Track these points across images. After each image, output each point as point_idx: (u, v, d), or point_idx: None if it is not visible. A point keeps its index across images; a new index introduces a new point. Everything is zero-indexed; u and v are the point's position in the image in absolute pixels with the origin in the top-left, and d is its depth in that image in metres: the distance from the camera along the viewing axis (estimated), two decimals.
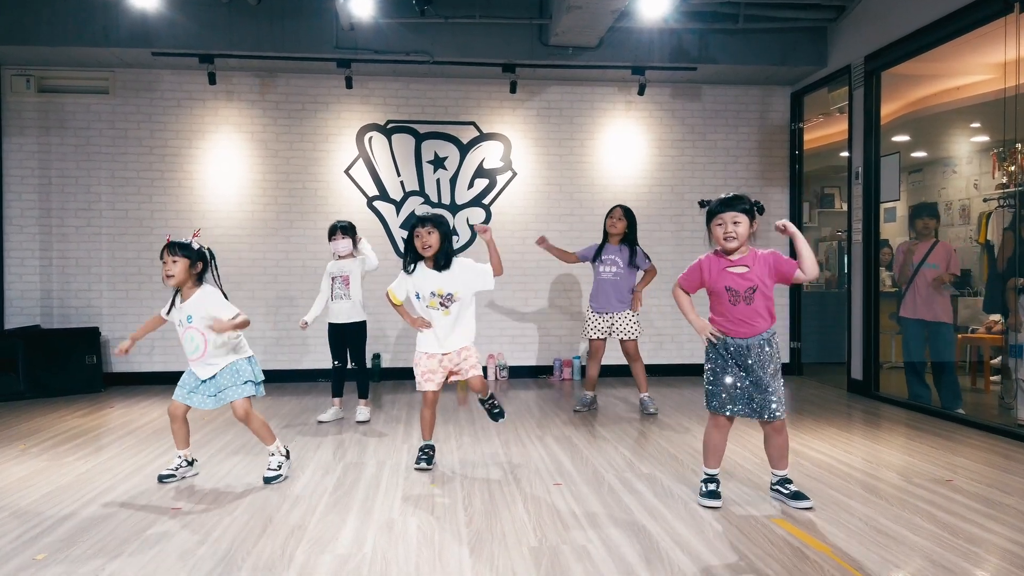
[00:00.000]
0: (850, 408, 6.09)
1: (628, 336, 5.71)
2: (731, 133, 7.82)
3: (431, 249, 4.02)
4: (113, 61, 6.95)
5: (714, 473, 3.59)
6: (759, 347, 3.41)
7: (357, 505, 3.53)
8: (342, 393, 5.64)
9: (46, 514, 3.40)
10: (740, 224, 3.35)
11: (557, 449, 4.64)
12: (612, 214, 5.83)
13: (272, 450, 3.99)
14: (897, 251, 6.56)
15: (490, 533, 3.15)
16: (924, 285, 5.96)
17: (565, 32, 6.51)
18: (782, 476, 3.57)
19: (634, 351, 5.74)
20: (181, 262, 3.80)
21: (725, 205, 3.39)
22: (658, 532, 3.16)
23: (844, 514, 3.39)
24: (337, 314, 5.47)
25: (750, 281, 3.38)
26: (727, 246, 3.38)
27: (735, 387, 3.44)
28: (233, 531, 3.18)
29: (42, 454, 4.53)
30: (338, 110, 7.43)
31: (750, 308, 3.38)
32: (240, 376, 3.87)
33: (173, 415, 3.93)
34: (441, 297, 4.06)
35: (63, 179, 7.17)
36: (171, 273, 3.79)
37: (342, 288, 5.45)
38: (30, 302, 7.15)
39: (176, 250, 3.81)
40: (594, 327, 5.77)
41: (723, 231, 3.37)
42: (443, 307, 4.07)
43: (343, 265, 5.49)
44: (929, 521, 3.29)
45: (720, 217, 3.39)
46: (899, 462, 4.31)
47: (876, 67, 6.45)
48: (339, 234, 5.46)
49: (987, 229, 7.78)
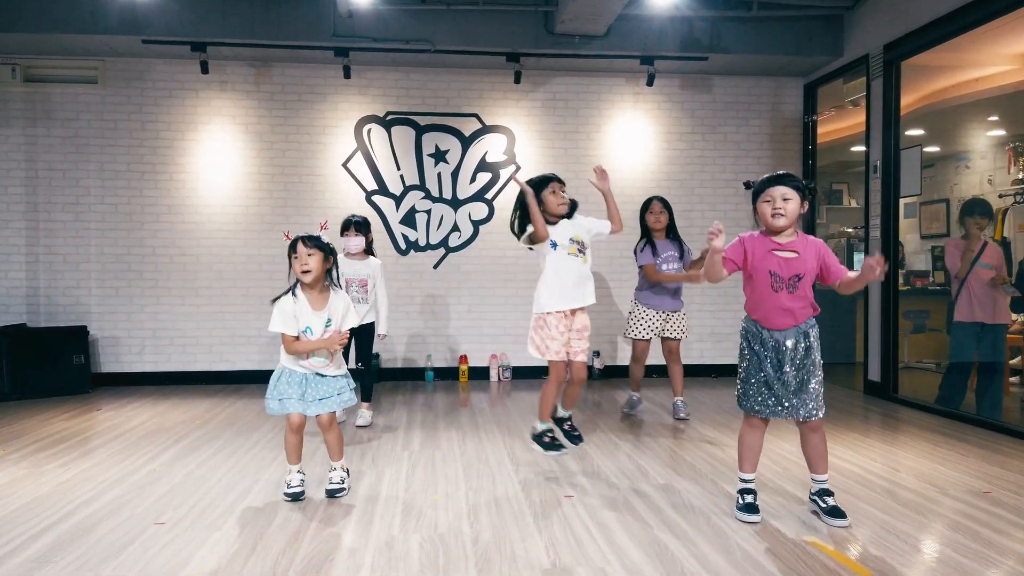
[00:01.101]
0: (868, 411, 5.85)
1: (679, 335, 5.39)
2: (742, 126, 7.56)
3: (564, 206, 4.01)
4: (102, 49, 6.69)
5: (750, 480, 3.33)
6: (797, 339, 3.16)
7: (354, 520, 3.28)
8: (370, 397, 5.32)
9: (18, 530, 3.14)
10: (790, 201, 3.10)
11: (567, 457, 4.39)
12: (652, 208, 5.45)
13: (337, 466, 3.68)
14: (950, 249, 6.07)
15: (499, 553, 2.90)
16: (979, 286, 5.67)
17: (572, 19, 6.26)
18: (822, 485, 3.29)
19: (677, 351, 5.43)
20: (317, 255, 3.51)
21: (775, 180, 3.14)
22: (681, 552, 2.91)
23: (882, 531, 3.14)
24: None
25: (797, 268, 3.12)
26: (775, 224, 3.11)
27: (770, 385, 3.19)
28: (220, 549, 2.94)
29: (22, 461, 4.27)
30: (336, 101, 7.17)
31: (793, 296, 3.13)
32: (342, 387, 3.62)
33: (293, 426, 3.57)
34: (579, 243, 3.96)
35: (50, 172, 6.90)
36: (308, 268, 3.49)
37: (359, 292, 5.12)
38: (16, 300, 6.89)
39: (311, 242, 3.52)
40: (646, 327, 5.36)
41: (771, 208, 3.11)
42: (581, 254, 3.97)
43: (359, 268, 5.13)
44: (973, 539, 3.05)
45: (768, 193, 3.13)
46: (930, 471, 4.06)
47: (895, 56, 6.20)
48: (352, 230, 5.10)
49: (1003, 226, 7.55)
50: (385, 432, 5.06)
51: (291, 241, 3.58)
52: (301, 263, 3.50)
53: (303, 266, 3.49)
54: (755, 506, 3.27)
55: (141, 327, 6.99)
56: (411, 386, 6.92)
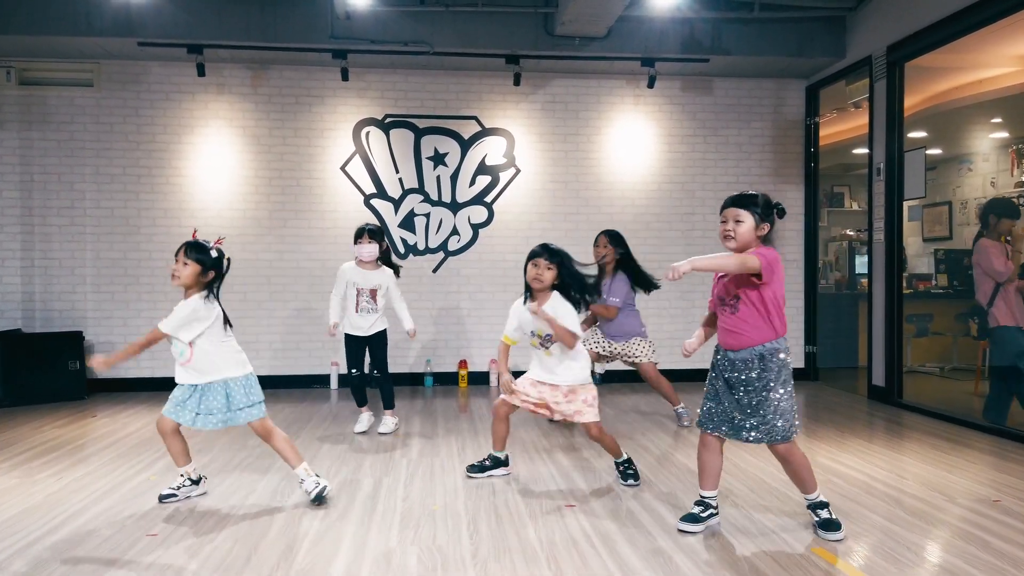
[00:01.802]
0: (873, 417, 5.78)
1: (642, 358, 5.31)
2: (744, 128, 7.50)
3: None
4: (97, 52, 6.62)
5: (708, 496, 3.24)
6: (749, 361, 3.06)
7: (351, 531, 3.20)
8: (367, 401, 5.28)
9: (10, 541, 3.07)
10: (743, 224, 3.06)
11: (567, 464, 4.32)
12: (597, 243, 5.40)
13: (299, 470, 3.58)
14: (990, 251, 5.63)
15: (499, 565, 2.83)
16: (1013, 290, 5.54)
17: (572, 21, 6.19)
18: (813, 500, 3.19)
19: (653, 373, 5.34)
20: (192, 267, 3.43)
21: (731, 202, 3.11)
22: (687, 565, 2.84)
23: (889, 541, 3.07)
24: (359, 326, 5.07)
25: (730, 289, 3.10)
26: (725, 245, 3.12)
27: (719, 402, 3.16)
28: (214, 561, 2.86)
29: (13, 470, 4.20)
30: (334, 104, 7.10)
31: (735, 317, 3.09)
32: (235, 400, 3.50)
33: (163, 431, 3.57)
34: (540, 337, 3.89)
35: (45, 176, 6.83)
36: (177, 274, 3.43)
37: (369, 302, 5.05)
38: (11, 305, 6.82)
39: (191, 252, 3.44)
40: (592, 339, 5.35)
41: (723, 229, 3.10)
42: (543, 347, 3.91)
43: (371, 277, 5.05)
44: (984, 550, 2.97)
45: (724, 214, 3.12)
46: (937, 479, 3.99)
47: (899, 57, 6.13)
48: (366, 238, 5.01)
49: None
50: (383, 439, 4.98)
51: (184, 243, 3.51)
52: (174, 269, 3.46)
53: (174, 271, 3.45)
54: (695, 516, 3.20)
55: (137, 332, 6.90)
56: (410, 391, 6.84)
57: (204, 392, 3.49)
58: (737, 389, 3.09)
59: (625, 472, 3.93)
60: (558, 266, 3.79)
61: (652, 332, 5.63)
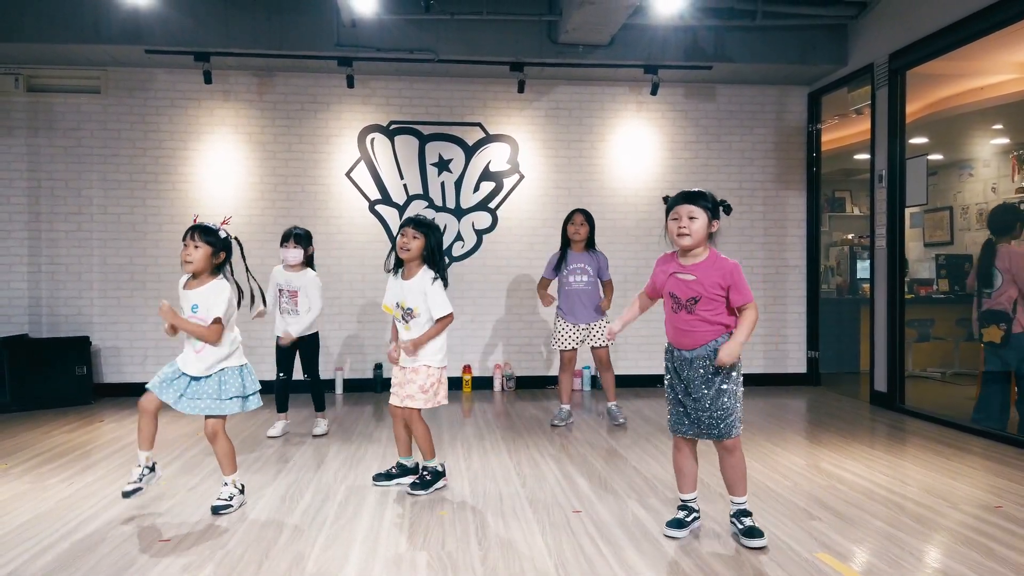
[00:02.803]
0: (875, 422, 5.82)
1: (602, 343, 5.52)
2: (746, 135, 7.54)
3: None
4: (105, 59, 6.67)
5: (687, 499, 3.29)
6: (705, 359, 3.11)
7: (361, 536, 3.24)
8: (287, 407, 5.39)
9: (22, 547, 3.11)
10: (696, 220, 3.09)
11: (572, 469, 4.36)
12: (573, 220, 5.57)
13: (228, 480, 3.63)
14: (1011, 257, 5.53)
15: (507, 570, 2.87)
16: None
17: (576, 29, 6.24)
18: (739, 506, 3.22)
19: (607, 358, 5.59)
20: (203, 249, 3.46)
21: (684, 198, 3.14)
22: (691, 568, 2.87)
23: (895, 548, 3.10)
24: (281, 328, 5.18)
25: (694, 291, 3.11)
26: (680, 243, 3.14)
27: (682, 403, 3.18)
28: (227, 566, 2.90)
29: (24, 475, 4.24)
30: (339, 110, 7.15)
31: (691, 316, 3.12)
32: (226, 389, 3.52)
33: (144, 409, 3.48)
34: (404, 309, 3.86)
35: (52, 182, 6.89)
36: (190, 259, 3.44)
37: (289, 303, 5.16)
38: (17, 310, 6.86)
39: (200, 235, 3.46)
40: (567, 337, 5.56)
41: (677, 226, 3.12)
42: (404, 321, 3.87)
43: (291, 278, 5.16)
44: (988, 557, 3.01)
45: (676, 211, 3.14)
46: (942, 486, 4.03)
47: (901, 65, 6.18)
48: (291, 242, 5.12)
49: None
50: (390, 446, 5.02)
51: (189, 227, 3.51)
52: (185, 253, 3.45)
53: (186, 256, 3.45)
54: (681, 521, 3.24)
55: (143, 337, 6.96)
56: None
57: (193, 380, 3.48)
58: (695, 386, 3.12)
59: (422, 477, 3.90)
60: (425, 236, 3.80)
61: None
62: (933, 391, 7.22)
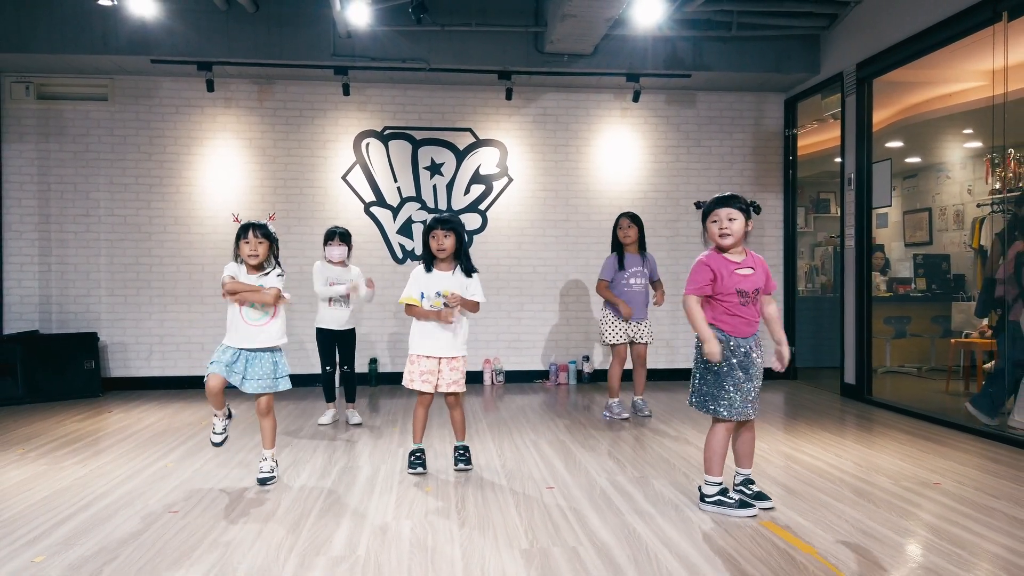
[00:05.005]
0: (843, 412, 6.14)
1: (646, 340, 5.80)
2: (725, 139, 7.88)
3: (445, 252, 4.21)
4: (112, 68, 7.01)
5: (721, 481, 3.56)
6: (756, 346, 3.49)
7: (351, 509, 3.57)
8: (335, 397, 5.72)
9: (45, 517, 3.44)
10: (736, 221, 3.40)
11: (551, 453, 4.68)
12: (620, 224, 5.82)
13: (268, 455, 4.06)
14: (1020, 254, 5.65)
15: (482, 536, 3.20)
16: None
17: (560, 40, 6.57)
18: (747, 475, 3.62)
19: (644, 355, 5.87)
20: (266, 244, 3.96)
21: (721, 202, 3.45)
22: (648, 535, 3.20)
23: (832, 516, 3.43)
24: (331, 321, 5.53)
25: (756, 282, 3.46)
26: (722, 243, 3.42)
27: (742, 389, 3.43)
28: (229, 535, 3.22)
29: (40, 458, 4.57)
30: (335, 117, 7.49)
31: (754, 308, 3.47)
32: (280, 369, 3.97)
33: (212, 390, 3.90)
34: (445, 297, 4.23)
35: (62, 185, 7.22)
36: (256, 253, 3.91)
37: (341, 296, 5.51)
38: (29, 308, 7.20)
39: (261, 231, 3.95)
40: (620, 332, 5.74)
41: (718, 227, 3.41)
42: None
43: (341, 274, 5.53)
44: (916, 524, 3.34)
45: (716, 213, 3.43)
46: (890, 466, 4.36)
47: (868, 74, 6.51)
48: (336, 240, 5.51)
49: (980, 234, 7.84)
50: (383, 431, 5.34)
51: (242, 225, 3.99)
52: (250, 249, 3.92)
53: (252, 251, 3.92)
54: (748, 503, 3.50)
55: (149, 333, 7.30)
56: (406, 390, 7.17)
57: (251, 359, 3.91)
58: (755, 370, 3.48)
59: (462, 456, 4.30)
60: (455, 232, 4.24)
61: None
62: (909, 385, 7.53)
